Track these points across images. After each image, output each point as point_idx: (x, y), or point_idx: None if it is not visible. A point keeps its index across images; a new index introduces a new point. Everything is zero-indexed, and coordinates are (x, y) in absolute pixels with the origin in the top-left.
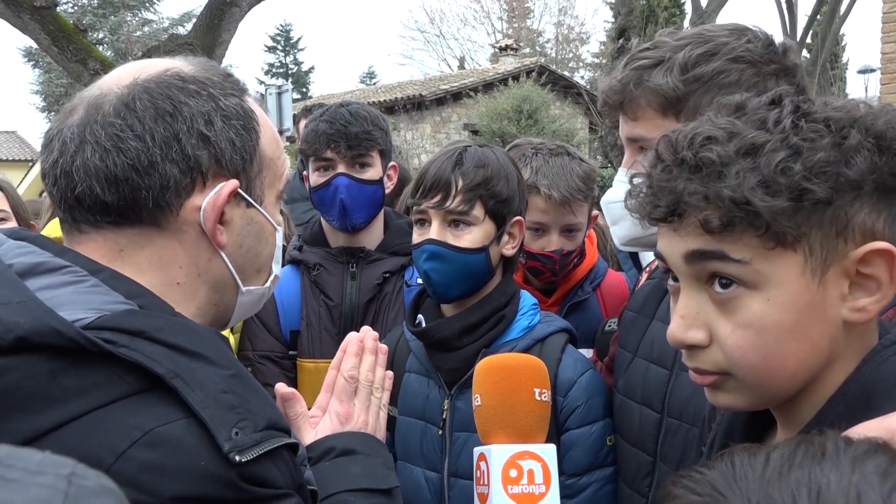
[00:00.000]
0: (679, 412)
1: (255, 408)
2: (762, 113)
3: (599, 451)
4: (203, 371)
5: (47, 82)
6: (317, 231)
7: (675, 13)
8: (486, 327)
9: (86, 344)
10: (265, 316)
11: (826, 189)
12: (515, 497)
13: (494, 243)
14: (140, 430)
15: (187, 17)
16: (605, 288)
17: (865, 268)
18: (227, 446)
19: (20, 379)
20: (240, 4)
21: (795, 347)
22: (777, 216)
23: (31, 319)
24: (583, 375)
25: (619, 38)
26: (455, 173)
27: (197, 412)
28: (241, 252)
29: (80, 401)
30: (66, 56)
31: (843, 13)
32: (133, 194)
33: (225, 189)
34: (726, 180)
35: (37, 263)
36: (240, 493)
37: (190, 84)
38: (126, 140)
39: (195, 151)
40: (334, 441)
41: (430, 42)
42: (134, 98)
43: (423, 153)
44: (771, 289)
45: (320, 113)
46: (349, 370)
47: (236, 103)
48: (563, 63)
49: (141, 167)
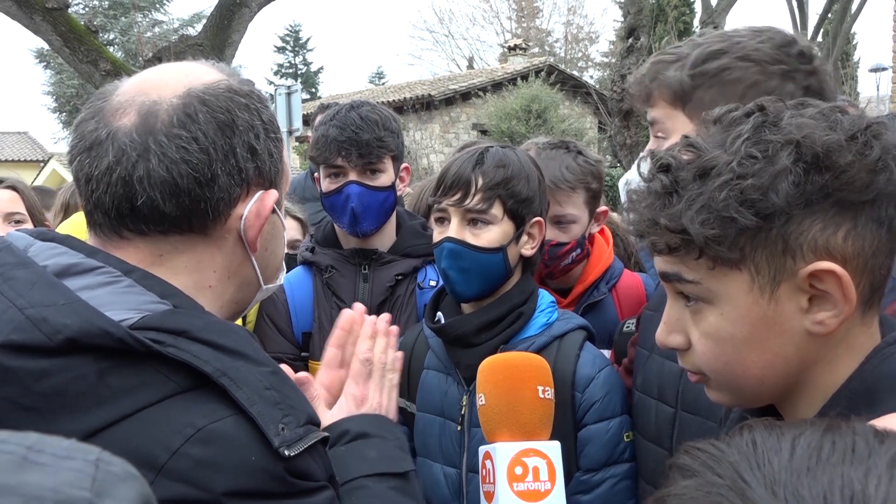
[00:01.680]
0: (693, 406)
1: (296, 403)
2: (730, 129)
3: (616, 448)
4: (246, 369)
5: (59, 83)
6: (329, 232)
7: (685, 12)
8: (504, 324)
9: (135, 344)
10: (277, 317)
11: (750, 217)
12: (521, 494)
13: (513, 243)
14: (193, 428)
15: (197, 17)
16: (621, 289)
17: (819, 284)
18: (276, 441)
19: (70, 380)
20: (249, 5)
21: (755, 357)
22: (709, 242)
23: (79, 321)
24: (601, 372)
25: (629, 37)
26: (475, 172)
27: (245, 408)
28: (265, 255)
29: (129, 400)
30: (78, 57)
31: (855, 11)
32: (192, 205)
33: (270, 199)
34: (669, 208)
35: (71, 265)
36: (288, 486)
37: (240, 97)
38: (192, 152)
39: (246, 164)
40: (349, 424)
41: (439, 42)
42: (195, 109)
43: (432, 153)
44: (723, 304)
45: (330, 116)
46: (364, 353)
47: (269, 116)
48: (573, 62)
49: (204, 179)
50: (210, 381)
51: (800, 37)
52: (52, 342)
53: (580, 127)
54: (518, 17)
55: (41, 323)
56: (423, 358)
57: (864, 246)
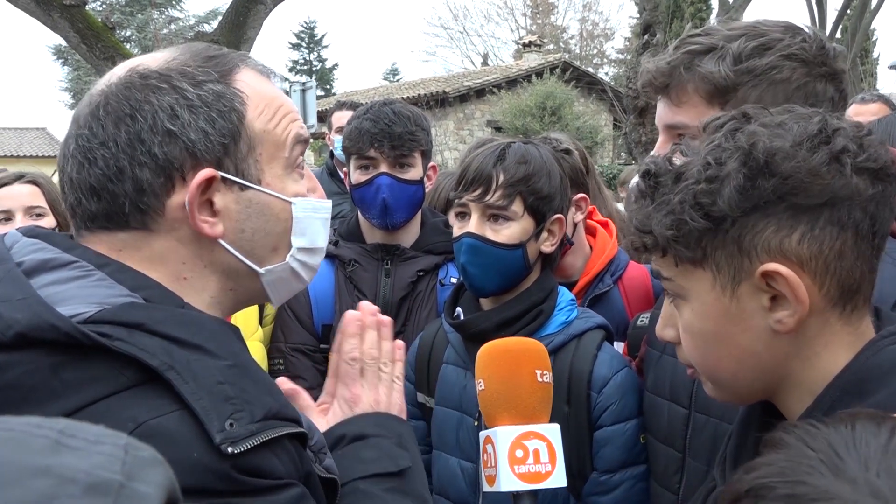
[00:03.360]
0: (706, 407)
1: (253, 398)
2: (712, 136)
3: (633, 449)
4: (200, 362)
5: (76, 80)
6: (353, 226)
7: (702, 8)
8: (523, 321)
9: (81, 338)
10: (298, 309)
11: (699, 219)
12: (523, 476)
13: (533, 240)
14: (134, 423)
15: (213, 14)
16: (627, 280)
17: (774, 284)
18: (218, 438)
19: (23, 374)
20: (265, 2)
21: (725, 352)
22: (669, 242)
23: (29, 315)
24: (618, 373)
25: (644, 33)
26: (497, 168)
27: (189, 403)
28: (244, 237)
29: (81, 394)
30: (95, 54)
31: (874, 7)
32: (113, 201)
33: (195, 182)
34: (643, 210)
35: (47, 260)
36: (235, 484)
37: (152, 80)
38: (93, 150)
39: (163, 149)
40: (344, 428)
41: (454, 39)
42: (99, 105)
43: (446, 150)
44: (693, 301)
45: (364, 110)
46: (349, 352)
47: (209, 89)
48: (587, 59)
49: (112, 174)
50: (161, 376)
51: (824, 36)
52: (5, 337)
53: (595, 124)
54: (533, 13)
55: None
56: (442, 352)
57: (823, 248)
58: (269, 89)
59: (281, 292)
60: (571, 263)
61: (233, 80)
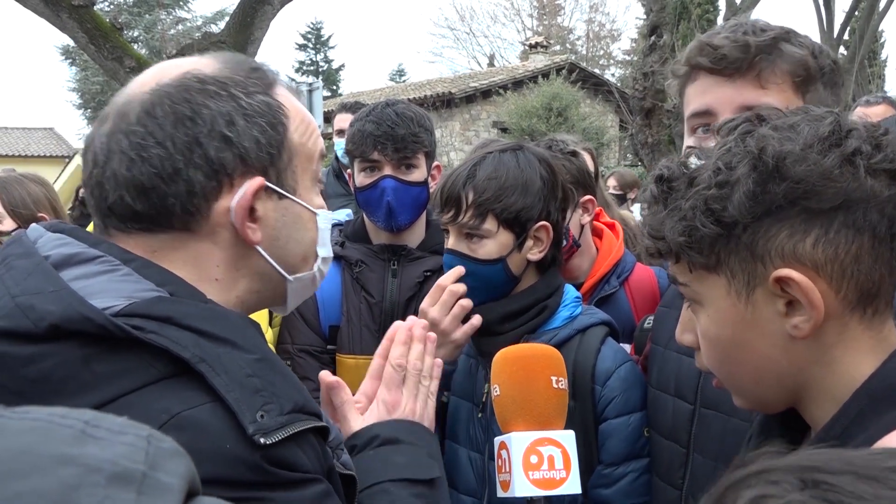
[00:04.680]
0: (716, 403)
1: (281, 391)
2: (725, 139)
3: (637, 442)
4: (229, 356)
5: (84, 80)
6: (359, 227)
7: (709, 9)
8: (528, 315)
9: (114, 330)
10: (305, 310)
11: (710, 225)
12: (537, 482)
13: (515, 251)
14: (167, 414)
15: (220, 15)
16: (633, 282)
17: (789, 289)
18: (251, 429)
19: (54, 365)
20: (272, 3)
21: (744, 357)
22: (682, 248)
23: (62, 307)
24: (621, 367)
25: (651, 34)
26: (466, 189)
27: (222, 395)
28: (278, 244)
29: (112, 386)
30: (103, 54)
31: (882, 9)
32: (161, 202)
33: (249, 189)
34: (656, 216)
35: (73, 254)
36: (265, 475)
37: (209, 85)
38: (148, 148)
39: (218, 154)
40: (379, 429)
41: (460, 39)
42: (154, 104)
43: (452, 150)
44: (708, 307)
45: (366, 112)
46: (397, 358)
47: (260, 100)
48: (594, 60)
49: (165, 174)
50: (191, 369)
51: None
52: (38, 328)
53: (601, 125)
54: (539, 14)
55: (28, 310)
56: None
57: (839, 252)
58: (300, 105)
59: (299, 298)
60: (578, 265)
61: (275, 94)
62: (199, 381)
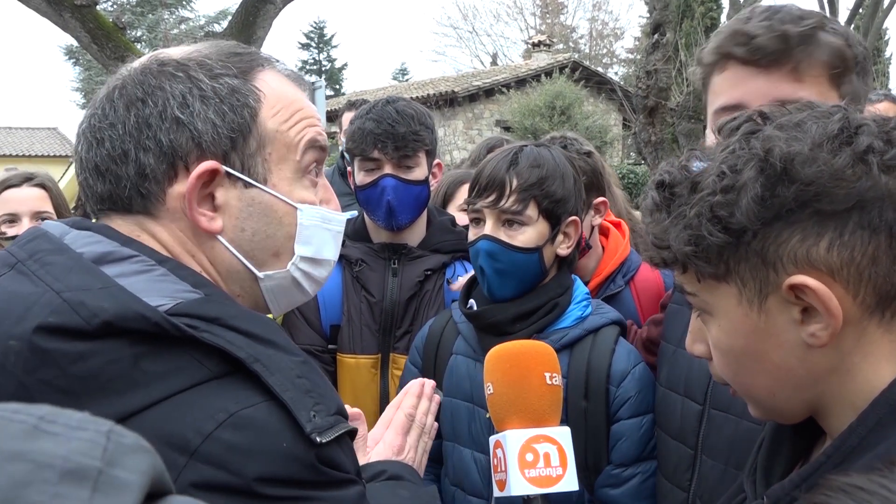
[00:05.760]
0: (727, 405)
1: (326, 393)
2: (727, 140)
3: (648, 443)
4: (278, 356)
5: (87, 79)
6: (360, 226)
7: (712, 7)
8: (539, 314)
9: (171, 329)
10: (306, 309)
11: (718, 234)
12: (533, 480)
13: (549, 243)
14: (225, 413)
15: (223, 14)
16: (639, 282)
17: (804, 296)
18: (308, 427)
19: (105, 363)
20: (274, 2)
21: (759, 368)
22: (689, 258)
23: (116, 305)
24: (636, 367)
25: (654, 33)
26: (510, 173)
27: (278, 395)
28: (244, 236)
29: (163, 384)
30: (106, 53)
31: (887, 7)
32: (116, 184)
33: (196, 173)
34: (659, 224)
35: (107, 252)
36: (318, 474)
37: (168, 67)
38: (102, 130)
39: (169, 136)
40: (386, 466)
41: (463, 38)
42: (115, 88)
43: (455, 149)
44: (720, 317)
45: (366, 110)
46: (409, 408)
47: (225, 82)
48: (597, 59)
49: (116, 156)
50: (242, 368)
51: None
52: (90, 325)
53: (604, 124)
54: (542, 13)
55: (79, 306)
56: (451, 343)
57: (855, 255)
58: (290, 92)
59: (280, 301)
60: (584, 265)
61: (252, 78)
62: (251, 380)
